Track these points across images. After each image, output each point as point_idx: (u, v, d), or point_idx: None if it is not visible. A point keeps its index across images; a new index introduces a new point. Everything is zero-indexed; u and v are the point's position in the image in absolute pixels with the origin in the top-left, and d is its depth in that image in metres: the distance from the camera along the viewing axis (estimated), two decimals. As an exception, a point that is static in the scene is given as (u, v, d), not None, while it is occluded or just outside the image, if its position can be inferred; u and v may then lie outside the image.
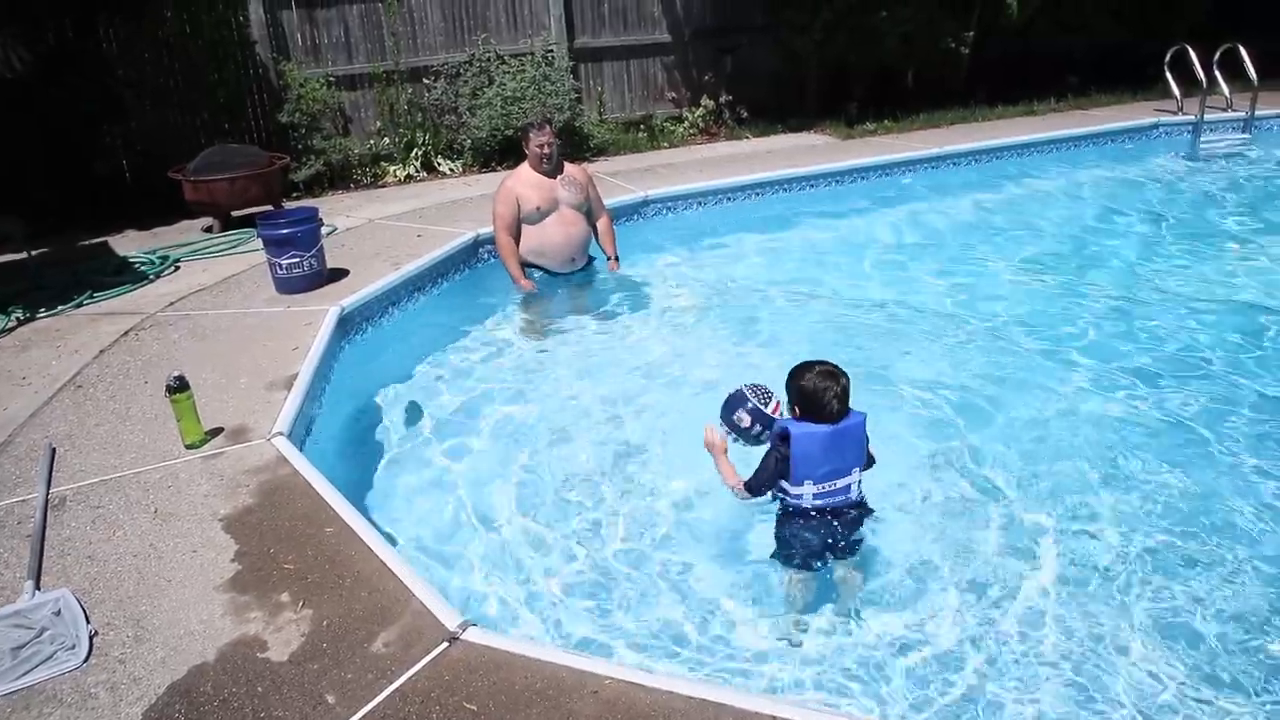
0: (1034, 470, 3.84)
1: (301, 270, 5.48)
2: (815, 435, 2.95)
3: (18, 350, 4.94)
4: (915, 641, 2.95)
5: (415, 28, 9.32)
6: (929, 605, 3.10)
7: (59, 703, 2.37)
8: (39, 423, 4.00)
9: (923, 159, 8.79)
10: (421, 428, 4.44)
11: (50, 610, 2.68)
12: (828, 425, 2.95)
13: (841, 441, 2.98)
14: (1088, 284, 6.02)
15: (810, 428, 2.96)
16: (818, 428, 2.95)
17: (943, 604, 3.11)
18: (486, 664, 2.40)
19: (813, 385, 2.97)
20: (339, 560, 2.87)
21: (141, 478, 3.46)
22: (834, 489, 3.03)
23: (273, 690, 2.35)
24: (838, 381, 2.97)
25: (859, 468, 3.05)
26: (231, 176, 7.23)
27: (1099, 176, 8.77)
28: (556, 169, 5.75)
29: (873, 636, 2.98)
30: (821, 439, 2.96)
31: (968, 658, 2.88)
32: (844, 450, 3.00)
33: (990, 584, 3.20)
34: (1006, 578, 3.23)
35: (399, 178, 9.04)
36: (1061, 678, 2.80)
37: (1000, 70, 11.34)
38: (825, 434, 2.95)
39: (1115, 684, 2.75)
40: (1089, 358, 4.92)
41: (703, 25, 10.69)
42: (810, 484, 3.00)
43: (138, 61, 8.14)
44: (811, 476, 2.99)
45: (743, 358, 5.03)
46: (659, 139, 10.29)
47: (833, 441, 2.97)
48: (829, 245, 7.13)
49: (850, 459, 3.02)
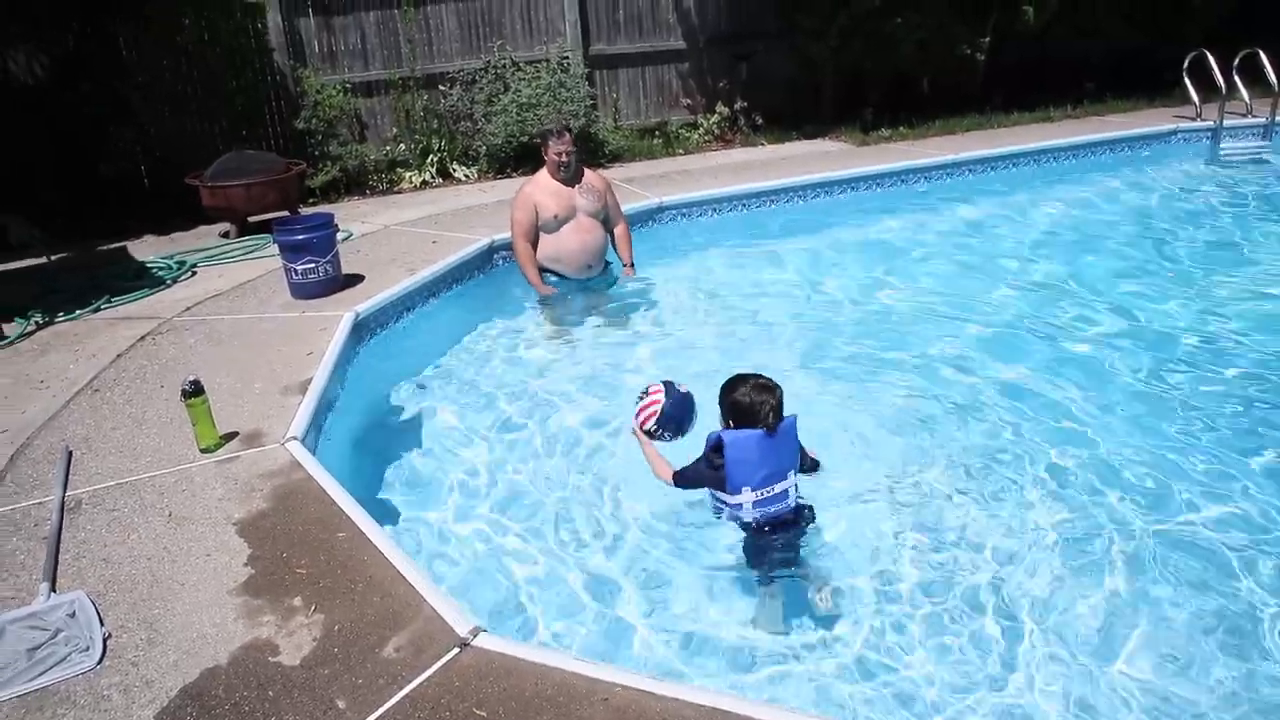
0: (1053, 481, 3.83)
1: (317, 276, 5.50)
2: (751, 438, 2.95)
3: (36, 354, 4.98)
4: (890, 652, 2.95)
5: (431, 34, 9.37)
6: (896, 614, 3.10)
7: (73, 704, 2.38)
8: (56, 426, 4.04)
9: (939, 165, 8.75)
10: (435, 433, 4.45)
11: (65, 612, 2.69)
12: (759, 431, 2.95)
13: (776, 443, 2.98)
14: (1104, 290, 5.96)
15: (746, 433, 2.96)
16: (753, 432, 2.95)
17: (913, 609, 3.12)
18: (497, 670, 2.39)
19: (748, 400, 2.98)
20: (351, 565, 2.88)
21: (156, 481, 3.49)
22: (772, 494, 3.01)
23: (284, 694, 2.36)
24: (773, 395, 2.97)
25: (794, 470, 3.05)
26: (248, 182, 7.28)
27: (1117, 183, 8.69)
28: (575, 176, 5.75)
29: (846, 645, 2.98)
30: (756, 441, 2.96)
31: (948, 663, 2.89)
32: (779, 452, 3.00)
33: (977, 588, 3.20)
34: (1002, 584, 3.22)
35: (414, 184, 9.08)
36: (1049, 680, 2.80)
37: (1016, 76, 11.29)
38: (760, 436, 2.95)
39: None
40: (1101, 366, 4.88)
41: (718, 32, 10.69)
42: (749, 490, 2.98)
43: (156, 68, 8.21)
44: (749, 482, 2.97)
45: (758, 365, 5.00)
46: (674, 145, 10.30)
47: (769, 445, 2.97)
48: (844, 252, 7.10)
49: (786, 461, 3.02)
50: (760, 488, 2.99)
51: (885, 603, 3.15)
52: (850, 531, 3.52)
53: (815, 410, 4.48)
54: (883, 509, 3.67)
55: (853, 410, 4.48)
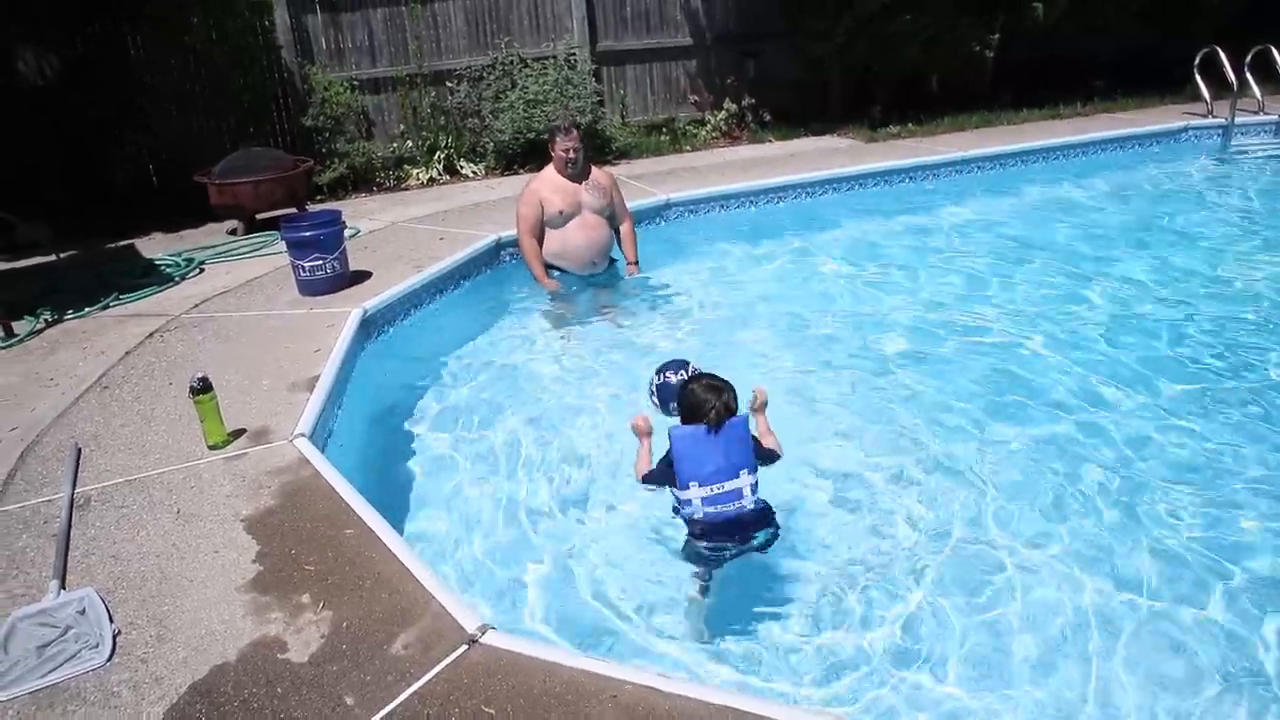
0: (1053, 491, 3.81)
1: (324, 272, 5.51)
2: (695, 434, 3.00)
3: (46, 352, 5.00)
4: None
5: (439, 31, 9.37)
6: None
7: (83, 700, 2.38)
8: (65, 423, 4.04)
9: (947, 163, 8.73)
10: (443, 429, 4.45)
11: (75, 609, 2.70)
12: (703, 427, 3.00)
13: (722, 441, 3.00)
14: (1116, 289, 5.93)
15: (691, 428, 3.02)
16: (697, 428, 3.00)
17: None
18: (505, 667, 2.39)
19: (697, 398, 3.04)
20: (359, 562, 2.88)
21: (165, 478, 3.49)
22: (723, 492, 3.01)
23: (292, 691, 2.36)
24: (719, 396, 3.02)
25: (747, 469, 3.04)
26: (256, 180, 7.29)
27: (1126, 181, 8.65)
28: (582, 173, 5.76)
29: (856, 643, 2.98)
30: (700, 436, 2.99)
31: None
32: (727, 450, 3.01)
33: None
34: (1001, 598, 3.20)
35: (422, 180, 9.09)
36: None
37: (1025, 73, 11.26)
38: (703, 432, 2.99)
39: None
40: (1114, 365, 4.86)
41: (725, 30, 10.68)
42: (696, 485, 3.00)
43: (164, 68, 8.23)
44: (696, 476, 3.00)
45: (762, 360, 5.00)
46: (681, 142, 10.28)
47: (713, 440, 2.99)
48: (851, 248, 7.09)
49: (735, 458, 3.02)
50: (709, 483, 3.00)
51: (907, 599, 3.14)
52: (852, 527, 3.51)
53: (816, 406, 4.48)
54: (892, 501, 3.66)
55: (853, 405, 4.47)
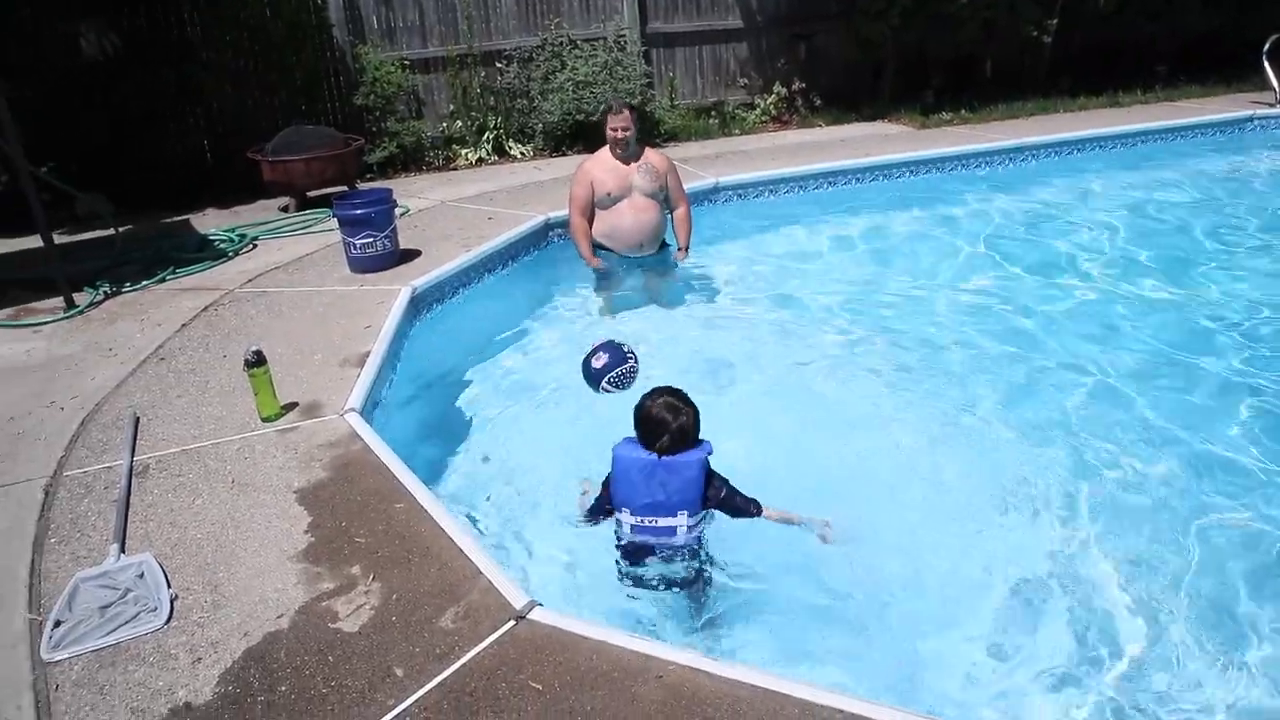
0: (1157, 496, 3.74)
1: (375, 250, 5.56)
2: (636, 461, 2.84)
3: (105, 322, 5.11)
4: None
5: (489, 11, 9.37)
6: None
7: (141, 661, 2.44)
8: (124, 392, 4.14)
9: (1001, 150, 8.56)
10: (489, 406, 4.48)
11: (134, 573, 2.77)
12: (651, 456, 2.83)
13: (667, 475, 2.83)
14: (1180, 284, 5.76)
15: (634, 451, 2.86)
16: (640, 455, 2.84)
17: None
18: (552, 644, 2.41)
19: (651, 419, 2.87)
20: (408, 536, 2.91)
21: (219, 449, 3.56)
22: (654, 526, 2.86)
23: (343, 661, 2.40)
24: (675, 419, 2.84)
25: (687, 511, 2.85)
26: (308, 157, 7.37)
27: (1189, 171, 8.42)
28: (634, 154, 5.71)
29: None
30: (641, 467, 2.83)
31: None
32: (667, 486, 2.83)
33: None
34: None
35: (470, 160, 9.13)
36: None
37: (1083, 59, 10.99)
38: (646, 463, 2.83)
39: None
40: (1178, 363, 4.75)
41: (776, 11, 10.55)
42: (628, 512, 2.87)
43: (219, 44, 8.34)
44: (629, 505, 2.86)
45: (807, 349, 4.97)
46: (730, 125, 10.21)
47: (653, 473, 2.83)
48: (900, 237, 6.99)
49: (675, 498, 2.84)
50: (641, 515, 2.86)
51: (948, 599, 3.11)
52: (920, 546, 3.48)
53: (861, 397, 4.44)
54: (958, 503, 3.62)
55: (901, 398, 4.43)
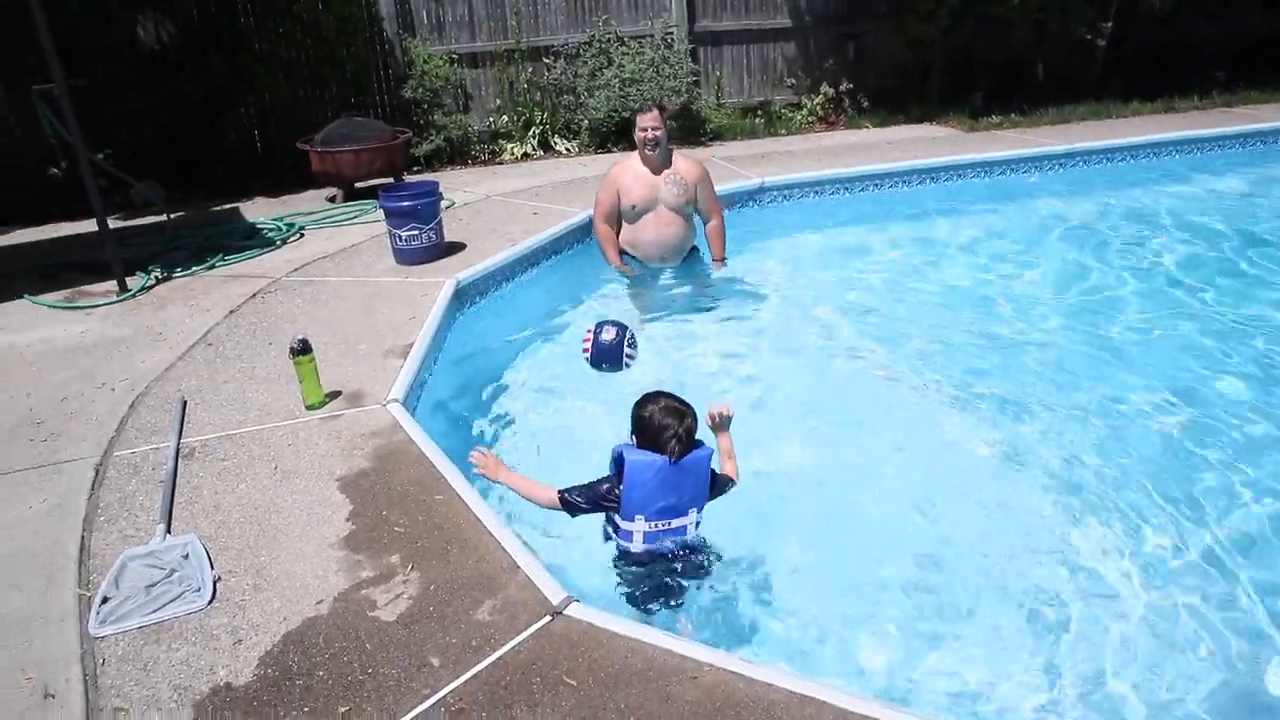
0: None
1: (420, 242, 5.61)
2: (652, 466, 2.78)
3: (156, 307, 5.21)
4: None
5: (537, 7, 9.41)
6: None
7: (185, 640, 2.49)
8: (172, 376, 4.22)
9: (1051, 155, 8.41)
10: (530, 401, 4.49)
11: (179, 553, 2.82)
12: (663, 460, 2.77)
13: (681, 478, 2.80)
14: (1237, 304, 5.57)
15: (648, 457, 2.79)
16: (655, 459, 2.78)
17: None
18: (588, 641, 2.41)
19: (655, 422, 2.81)
20: (447, 528, 2.93)
21: (264, 435, 3.61)
22: (667, 528, 2.84)
23: (380, 649, 2.42)
24: (681, 421, 2.79)
25: (697, 508, 2.87)
26: (357, 149, 7.45)
27: (1246, 181, 8.20)
28: (664, 160, 5.52)
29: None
30: (658, 471, 2.78)
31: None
32: (681, 486, 2.82)
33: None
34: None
35: (516, 155, 9.17)
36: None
37: (1135, 62, 10.74)
38: (663, 466, 2.77)
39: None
40: (1208, 369, 4.65)
41: (825, 11, 10.47)
42: (642, 520, 2.82)
43: (271, 36, 8.46)
44: (644, 511, 2.81)
45: (849, 353, 4.92)
46: (776, 125, 10.16)
47: (670, 476, 2.79)
48: (945, 243, 6.89)
49: (689, 497, 2.84)
50: (655, 519, 2.83)
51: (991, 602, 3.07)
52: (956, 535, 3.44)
53: (901, 402, 4.40)
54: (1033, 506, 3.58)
55: (939, 401, 4.39)
